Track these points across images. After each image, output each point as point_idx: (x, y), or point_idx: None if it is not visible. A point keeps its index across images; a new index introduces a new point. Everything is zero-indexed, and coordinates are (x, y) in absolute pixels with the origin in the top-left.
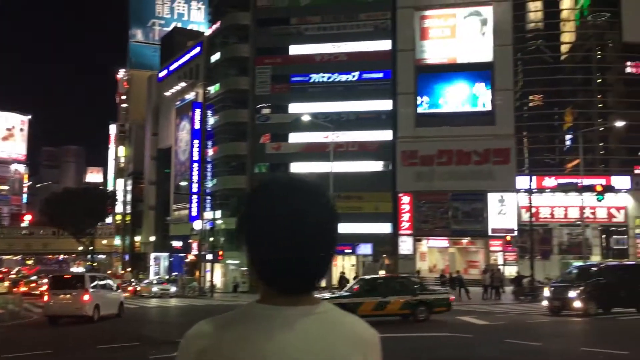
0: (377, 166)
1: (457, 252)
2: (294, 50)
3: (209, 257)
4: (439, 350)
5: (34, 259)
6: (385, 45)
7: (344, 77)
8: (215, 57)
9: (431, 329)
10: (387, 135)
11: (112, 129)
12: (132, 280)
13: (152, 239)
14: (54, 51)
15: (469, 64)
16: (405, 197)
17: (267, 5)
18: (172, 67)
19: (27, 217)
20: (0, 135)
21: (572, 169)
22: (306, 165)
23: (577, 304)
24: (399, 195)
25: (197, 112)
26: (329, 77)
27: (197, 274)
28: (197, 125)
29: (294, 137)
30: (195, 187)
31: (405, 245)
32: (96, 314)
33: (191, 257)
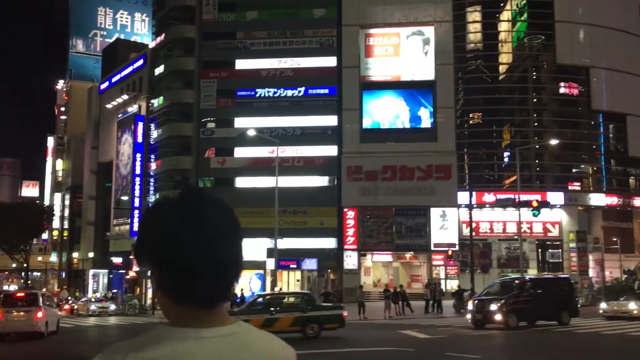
0: (323, 181)
1: (401, 267)
2: (240, 64)
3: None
4: None
5: None
6: (330, 61)
7: (290, 92)
8: (159, 69)
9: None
10: (332, 150)
11: (50, 142)
12: (69, 298)
13: (91, 255)
14: None
15: (413, 82)
16: (350, 212)
17: (213, 19)
18: (114, 79)
19: None
20: None
21: (510, 185)
22: (251, 180)
23: (498, 317)
24: (344, 210)
25: (140, 125)
26: (275, 92)
27: (137, 290)
28: (140, 138)
29: (240, 152)
30: (137, 202)
31: (350, 259)
32: (46, 330)
33: (132, 274)
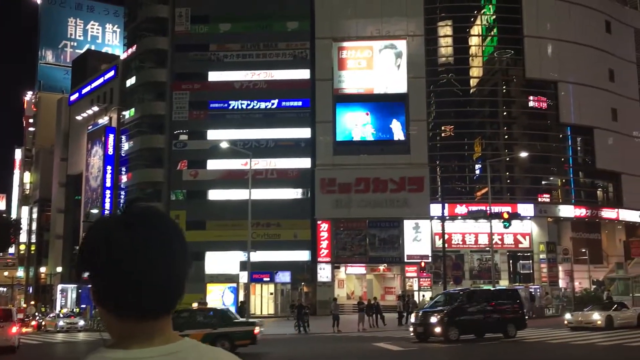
0: (296, 194)
1: (374, 279)
2: (213, 76)
3: None
4: None
5: None
6: (304, 74)
7: (263, 105)
8: (130, 81)
9: None
10: (305, 163)
11: (18, 154)
12: (36, 313)
13: (59, 269)
14: None
15: (385, 95)
16: (323, 225)
17: (186, 30)
18: (84, 91)
19: None
20: None
21: (482, 197)
22: (224, 192)
23: (437, 330)
24: (318, 222)
25: (111, 137)
26: (248, 105)
27: None
28: (111, 150)
29: (212, 164)
30: None
31: (324, 272)
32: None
33: None
